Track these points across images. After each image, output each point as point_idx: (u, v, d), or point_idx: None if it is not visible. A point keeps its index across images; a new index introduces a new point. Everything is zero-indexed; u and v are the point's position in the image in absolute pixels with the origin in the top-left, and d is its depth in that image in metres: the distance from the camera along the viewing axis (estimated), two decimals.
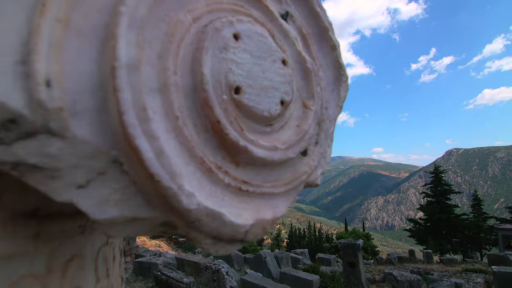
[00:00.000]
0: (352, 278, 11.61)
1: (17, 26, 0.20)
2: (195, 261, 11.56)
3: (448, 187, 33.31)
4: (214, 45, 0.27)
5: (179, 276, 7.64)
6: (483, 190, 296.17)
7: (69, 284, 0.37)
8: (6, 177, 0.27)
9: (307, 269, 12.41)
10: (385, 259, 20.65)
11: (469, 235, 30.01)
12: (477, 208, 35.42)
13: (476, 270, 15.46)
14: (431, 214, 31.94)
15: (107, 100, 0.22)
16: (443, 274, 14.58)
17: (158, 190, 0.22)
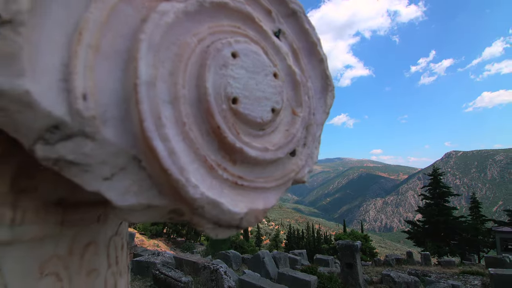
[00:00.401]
0: (349, 279, 11.63)
1: (60, 51, 0.25)
2: (193, 260, 11.57)
3: (446, 189, 33.30)
4: (215, 63, 0.33)
5: (178, 275, 7.68)
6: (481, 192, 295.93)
7: (86, 267, 0.43)
8: (43, 171, 0.33)
9: (305, 269, 12.43)
10: (383, 261, 20.63)
11: (467, 238, 29.96)
12: (476, 210, 35.39)
13: (473, 273, 15.42)
14: (429, 216, 31.91)
15: (130, 110, 0.27)
16: (441, 276, 14.59)
17: (169, 182, 0.28)
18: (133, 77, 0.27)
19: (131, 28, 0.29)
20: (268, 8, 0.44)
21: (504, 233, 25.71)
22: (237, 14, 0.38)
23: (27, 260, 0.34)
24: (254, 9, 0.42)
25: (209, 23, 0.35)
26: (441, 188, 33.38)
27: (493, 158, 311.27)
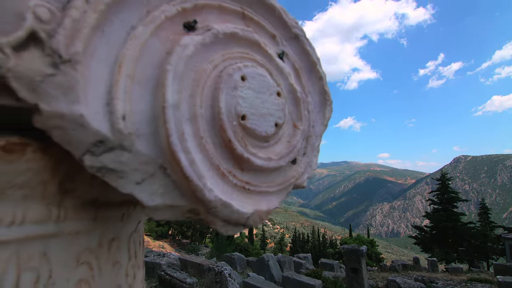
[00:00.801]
0: (354, 284, 11.51)
1: (104, 81, 0.32)
2: (198, 262, 11.61)
3: (455, 194, 32.72)
4: (227, 86, 0.39)
5: (183, 276, 7.74)
6: (491, 198, 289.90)
7: (112, 259, 0.49)
8: (81, 175, 0.39)
9: (310, 273, 12.36)
10: (389, 266, 20.34)
11: (475, 244, 29.30)
12: (485, 216, 34.67)
13: (481, 280, 15.08)
14: (437, 222, 31.36)
15: (158, 128, 0.33)
16: (448, 283, 14.31)
17: (190, 187, 0.34)
18: (162, 101, 0.33)
19: (158, 59, 0.36)
20: (273, 33, 0.50)
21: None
22: (245, 42, 0.44)
23: (67, 251, 0.40)
24: (260, 35, 0.48)
25: (222, 51, 0.41)
26: (449, 193, 32.82)
27: (503, 163, 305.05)
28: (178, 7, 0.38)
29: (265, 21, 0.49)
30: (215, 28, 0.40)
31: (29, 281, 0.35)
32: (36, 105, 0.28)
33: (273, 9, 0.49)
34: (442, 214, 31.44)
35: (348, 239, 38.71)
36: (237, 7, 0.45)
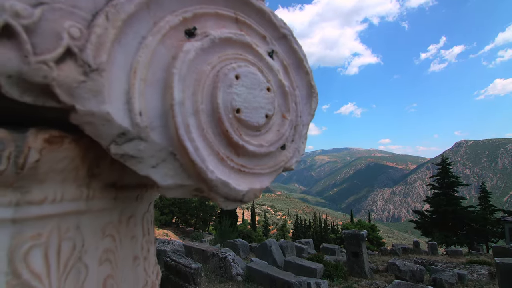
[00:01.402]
0: (355, 267, 11.77)
1: (123, 84, 0.39)
2: (202, 249, 11.85)
3: (455, 179, 32.82)
4: (224, 84, 0.46)
5: (188, 262, 7.94)
6: (492, 182, 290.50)
7: (130, 233, 0.57)
8: (106, 162, 0.47)
9: (311, 258, 12.61)
10: (389, 250, 20.65)
11: (475, 228, 29.58)
12: (485, 200, 34.89)
13: (480, 262, 15.29)
14: (437, 206, 31.60)
15: (167, 121, 0.41)
16: (447, 265, 14.53)
17: (195, 169, 0.42)
18: (170, 99, 0.40)
19: (165, 63, 0.43)
20: (263, 34, 0.57)
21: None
22: (238, 44, 0.51)
23: (95, 225, 0.48)
24: (252, 37, 0.55)
25: (218, 54, 0.48)
26: (449, 178, 32.93)
27: (505, 147, 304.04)
28: (180, 17, 0.45)
29: (256, 23, 0.56)
30: (212, 34, 0.47)
31: (68, 248, 0.43)
32: (73, 106, 0.35)
33: (263, 13, 0.56)
34: (443, 199, 31.63)
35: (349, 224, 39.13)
36: (231, 13, 0.52)
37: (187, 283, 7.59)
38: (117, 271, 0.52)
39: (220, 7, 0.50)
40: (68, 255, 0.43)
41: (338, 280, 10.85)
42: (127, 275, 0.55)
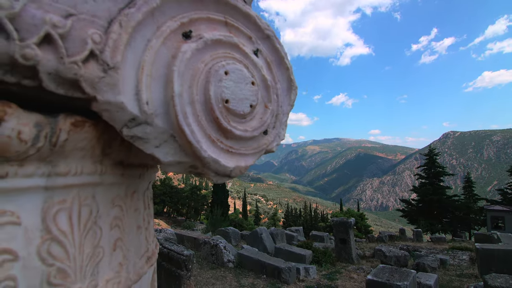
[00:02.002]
0: (343, 254, 12.10)
1: (133, 79, 0.48)
2: (194, 237, 11.98)
3: (441, 169, 33.57)
4: (215, 79, 0.55)
5: (180, 249, 8.07)
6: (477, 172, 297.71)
7: (134, 206, 0.67)
8: (116, 144, 0.56)
9: (301, 245, 12.90)
10: (376, 237, 21.16)
11: (459, 216, 30.44)
12: (469, 190, 35.84)
13: (462, 248, 15.81)
14: (423, 195, 32.34)
15: (169, 109, 0.50)
16: (431, 251, 15.01)
17: (191, 148, 0.52)
18: (171, 92, 0.50)
19: (167, 61, 0.52)
20: (249, 35, 0.66)
21: (495, 211, 26.23)
22: (227, 45, 0.60)
23: (106, 196, 0.58)
24: (239, 38, 0.64)
25: (210, 53, 0.57)
26: (436, 168, 33.64)
27: (490, 138, 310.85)
28: (178, 22, 0.54)
29: (243, 26, 0.65)
30: (205, 37, 0.56)
31: (86, 213, 0.53)
32: (95, 96, 0.44)
33: (249, 17, 0.65)
34: (429, 188, 32.36)
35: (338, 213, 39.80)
36: (221, 17, 0.60)
37: (180, 269, 7.74)
38: (124, 235, 0.62)
39: (211, 12, 0.59)
40: (86, 219, 0.52)
41: (326, 266, 11.15)
42: (132, 241, 0.66)
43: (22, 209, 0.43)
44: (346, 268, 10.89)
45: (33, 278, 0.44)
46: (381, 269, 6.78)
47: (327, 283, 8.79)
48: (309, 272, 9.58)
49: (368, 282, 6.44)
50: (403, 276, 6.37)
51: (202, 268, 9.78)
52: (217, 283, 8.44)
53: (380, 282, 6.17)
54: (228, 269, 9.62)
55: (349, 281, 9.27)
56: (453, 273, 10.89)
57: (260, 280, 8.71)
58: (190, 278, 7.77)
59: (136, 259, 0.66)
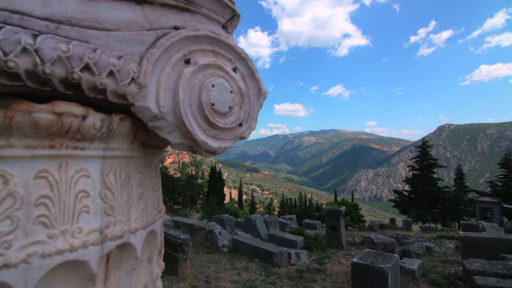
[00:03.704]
0: (333, 240, 12.53)
1: (154, 92, 0.79)
2: (190, 223, 12.33)
3: (433, 161, 34.00)
4: (205, 90, 0.86)
5: (177, 233, 8.44)
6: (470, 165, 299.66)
7: (150, 173, 0.99)
8: (141, 131, 0.88)
9: (293, 231, 13.33)
10: (367, 226, 21.63)
11: (449, 207, 30.92)
12: (460, 181, 36.35)
13: (449, 237, 16.29)
14: (415, 187, 32.79)
15: (176, 110, 0.82)
16: (419, 239, 15.50)
17: (190, 135, 0.83)
18: (177, 99, 0.81)
19: (174, 80, 0.83)
20: (229, 58, 0.97)
21: (484, 202, 26.76)
22: (214, 66, 0.91)
23: (134, 165, 0.90)
24: (223, 61, 0.95)
25: (203, 73, 0.88)
26: (428, 160, 34.05)
27: (485, 131, 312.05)
28: (181, 53, 0.84)
29: (225, 52, 0.96)
30: (199, 62, 0.87)
31: (123, 174, 0.84)
32: (133, 103, 0.75)
33: (230, 45, 0.96)
34: (421, 179, 32.80)
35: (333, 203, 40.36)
36: (210, 48, 0.91)
37: (176, 252, 8.10)
38: (145, 192, 0.94)
39: (204, 44, 0.90)
40: (123, 177, 0.84)
41: (317, 251, 11.57)
42: (149, 197, 0.98)
43: (91, 168, 0.75)
44: (335, 253, 11.33)
45: (97, 208, 0.75)
46: (366, 253, 7.20)
47: (317, 267, 9.21)
48: (300, 256, 10.00)
49: (353, 265, 6.84)
50: (386, 259, 6.77)
51: (197, 252, 10.14)
52: (211, 266, 8.82)
53: (364, 264, 6.58)
54: (223, 253, 10.00)
55: (338, 265, 9.71)
56: (437, 259, 11.33)
57: (253, 263, 9.09)
58: (186, 261, 8.15)
59: (152, 209, 0.98)
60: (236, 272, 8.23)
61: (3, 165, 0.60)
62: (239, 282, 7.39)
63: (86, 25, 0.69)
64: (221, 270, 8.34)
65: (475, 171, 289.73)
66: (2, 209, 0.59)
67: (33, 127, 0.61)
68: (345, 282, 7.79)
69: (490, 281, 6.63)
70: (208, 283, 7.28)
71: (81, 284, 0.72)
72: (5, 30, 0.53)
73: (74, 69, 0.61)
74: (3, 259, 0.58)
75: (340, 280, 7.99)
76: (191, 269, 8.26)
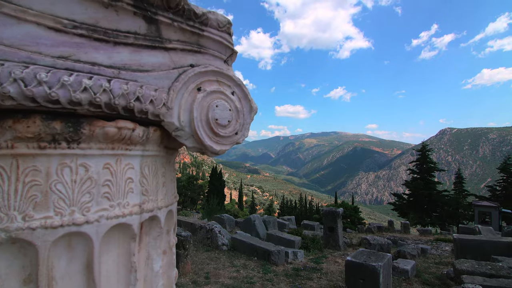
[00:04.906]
0: (330, 241, 12.83)
1: (176, 111, 1.16)
2: (190, 222, 12.67)
3: (433, 165, 34.15)
4: (211, 109, 1.23)
5: (178, 231, 8.81)
6: (471, 169, 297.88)
7: (170, 168, 1.36)
8: (166, 138, 1.25)
9: (291, 232, 13.65)
10: (365, 228, 21.82)
11: (448, 210, 30.98)
12: (459, 185, 36.41)
13: (446, 240, 16.54)
14: (414, 190, 32.90)
15: (191, 124, 1.18)
16: (416, 242, 15.76)
17: (200, 141, 1.20)
18: (192, 116, 1.17)
19: (190, 102, 1.19)
20: (229, 85, 1.34)
21: (483, 206, 26.90)
22: (218, 92, 1.28)
23: (161, 161, 1.27)
24: (224, 87, 1.31)
25: (210, 97, 1.25)
26: (428, 164, 34.19)
27: (486, 136, 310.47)
28: (195, 84, 1.21)
29: (226, 81, 1.32)
30: (207, 90, 1.23)
31: (153, 168, 1.21)
32: (163, 120, 1.11)
33: (229, 76, 1.32)
34: (420, 183, 32.92)
35: (333, 205, 40.50)
36: (215, 79, 1.28)
37: (177, 248, 8.45)
38: (167, 181, 1.31)
39: (210, 76, 1.26)
40: (153, 170, 1.21)
41: (314, 251, 11.87)
42: (169, 185, 1.34)
43: (134, 163, 1.12)
44: (332, 254, 11.63)
45: (137, 190, 1.12)
46: (360, 252, 7.54)
47: (313, 266, 9.53)
48: (297, 255, 10.32)
49: (347, 263, 7.18)
50: (379, 258, 7.11)
51: (198, 250, 10.46)
52: (211, 263, 9.15)
53: (357, 262, 6.91)
54: (222, 251, 10.33)
55: (334, 265, 10.02)
56: (432, 261, 11.61)
57: (251, 261, 9.42)
58: (187, 257, 8.50)
59: (170, 195, 1.34)
60: (235, 269, 8.56)
61: (86, 159, 0.97)
62: (238, 279, 7.73)
63: (135, 69, 1.06)
64: (220, 267, 8.67)
65: (477, 175, 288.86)
66: (85, 187, 0.96)
67: (104, 136, 0.97)
68: (340, 280, 8.11)
69: (477, 279, 6.96)
70: (207, 279, 7.62)
71: (127, 240, 1.08)
72: (94, 79, 0.90)
73: (130, 101, 0.98)
74: (85, 218, 0.95)
75: (335, 279, 8.31)
76: (191, 265, 8.59)
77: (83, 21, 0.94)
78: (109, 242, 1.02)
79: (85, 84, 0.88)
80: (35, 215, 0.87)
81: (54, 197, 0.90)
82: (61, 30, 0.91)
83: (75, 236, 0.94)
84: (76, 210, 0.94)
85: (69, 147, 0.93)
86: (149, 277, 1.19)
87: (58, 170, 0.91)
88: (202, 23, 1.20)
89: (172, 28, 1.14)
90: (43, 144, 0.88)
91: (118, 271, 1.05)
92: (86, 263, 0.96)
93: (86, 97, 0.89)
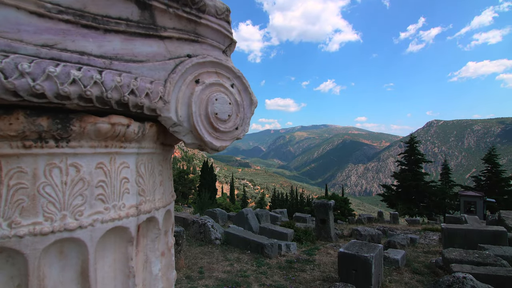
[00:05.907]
0: (322, 233, 12.98)
1: (174, 105, 1.08)
2: (183, 217, 12.58)
3: (420, 156, 34.86)
4: (210, 102, 1.15)
5: None
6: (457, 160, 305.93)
7: (166, 165, 1.28)
8: (162, 135, 1.17)
9: (284, 224, 13.74)
10: (356, 219, 22.18)
11: (435, 201, 31.73)
12: (446, 176, 37.31)
13: (434, 229, 16.96)
14: (403, 181, 33.57)
15: (189, 118, 1.11)
16: (405, 232, 16.13)
17: (200, 137, 1.13)
18: (190, 110, 1.10)
19: (188, 96, 1.12)
20: (228, 76, 1.26)
21: (468, 196, 27.52)
22: (217, 84, 1.20)
23: (157, 159, 1.19)
24: (223, 79, 1.24)
25: (209, 89, 1.17)
26: (415, 155, 34.85)
27: (472, 127, 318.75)
28: (193, 76, 1.13)
29: (225, 72, 1.25)
30: (206, 82, 1.16)
31: (149, 166, 1.14)
32: (160, 114, 1.03)
33: (228, 67, 1.25)
34: (408, 174, 33.60)
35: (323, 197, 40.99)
36: (213, 70, 1.20)
37: None
38: (164, 180, 1.23)
39: (209, 68, 1.18)
40: (150, 168, 1.13)
41: (307, 243, 11.99)
42: (167, 184, 1.27)
43: (129, 162, 1.04)
44: (324, 245, 11.76)
45: (134, 190, 1.04)
46: (352, 244, 7.62)
47: (306, 258, 9.61)
48: (290, 248, 10.39)
49: (340, 254, 7.25)
50: (371, 249, 7.20)
51: (191, 245, 10.41)
52: (205, 258, 9.12)
53: (350, 254, 6.99)
54: (215, 245, 10.31)
55: (326, 256, 10.14)
56: (421, 250, 11.88)
57: (245, 255, 9.43)
58: (180, 252, 8.43)
59: (168, 193, 1.27)
60: (229, 263, 8.56)
61: (76, 159, 0.88)
62: (231, 272, 7.73)
63: (128, 59, 0.97)
64: (214, 261, 8.65)
65: (462, 166, 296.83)
66: (77, 188, 0.88)
67: (96, 133, 0.89)
68: (332, 271, 8.20)
69: (465, 268, 7.14)
70: (201, 274, 7.59)
71: (124, 243, 1.01)
72: (83, 70, 0.81)
73: (124, 94, 0.90)
74: (78, 222, 0.87)
75: (328, 270, 8.41)
76: (185, 260, 8.54)
77: (69, 5, 0.85)
78: (104, 247, 0.95)
79: (73, 75, 0.80)
80: (23, 222, 0.79)
81: (43, 201, 0.82)
82: (45, 15, 0.81)
83: (68, 242, 0.86)
84: (67, 214, 0.86)
85: (57, 146, 0.84)
86: (148, 281, 1.12)
87: (46, 171, 0.83)
88: (199, 10, 1.11)
89: (167, 15, 1.05)
90: (28, 143, 0.80)
91: (115, 277, 0.98)
92: (81, 270, 0.89)
93: (76, 90, 0.80)
